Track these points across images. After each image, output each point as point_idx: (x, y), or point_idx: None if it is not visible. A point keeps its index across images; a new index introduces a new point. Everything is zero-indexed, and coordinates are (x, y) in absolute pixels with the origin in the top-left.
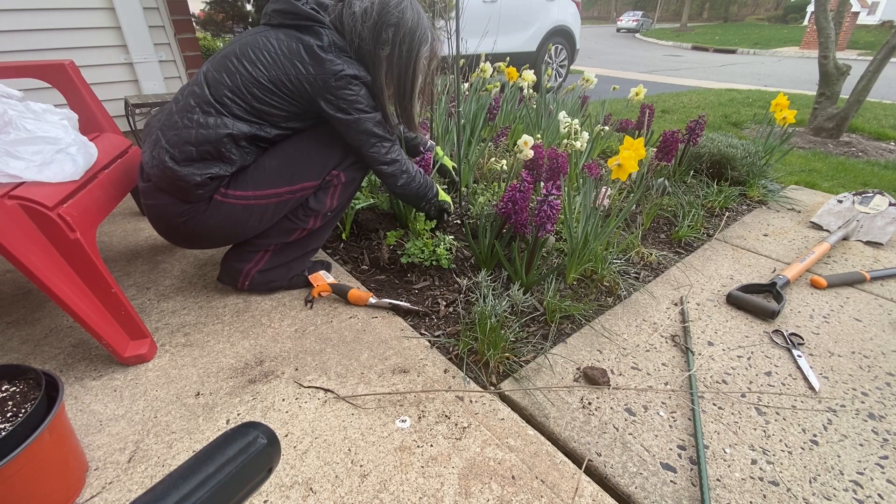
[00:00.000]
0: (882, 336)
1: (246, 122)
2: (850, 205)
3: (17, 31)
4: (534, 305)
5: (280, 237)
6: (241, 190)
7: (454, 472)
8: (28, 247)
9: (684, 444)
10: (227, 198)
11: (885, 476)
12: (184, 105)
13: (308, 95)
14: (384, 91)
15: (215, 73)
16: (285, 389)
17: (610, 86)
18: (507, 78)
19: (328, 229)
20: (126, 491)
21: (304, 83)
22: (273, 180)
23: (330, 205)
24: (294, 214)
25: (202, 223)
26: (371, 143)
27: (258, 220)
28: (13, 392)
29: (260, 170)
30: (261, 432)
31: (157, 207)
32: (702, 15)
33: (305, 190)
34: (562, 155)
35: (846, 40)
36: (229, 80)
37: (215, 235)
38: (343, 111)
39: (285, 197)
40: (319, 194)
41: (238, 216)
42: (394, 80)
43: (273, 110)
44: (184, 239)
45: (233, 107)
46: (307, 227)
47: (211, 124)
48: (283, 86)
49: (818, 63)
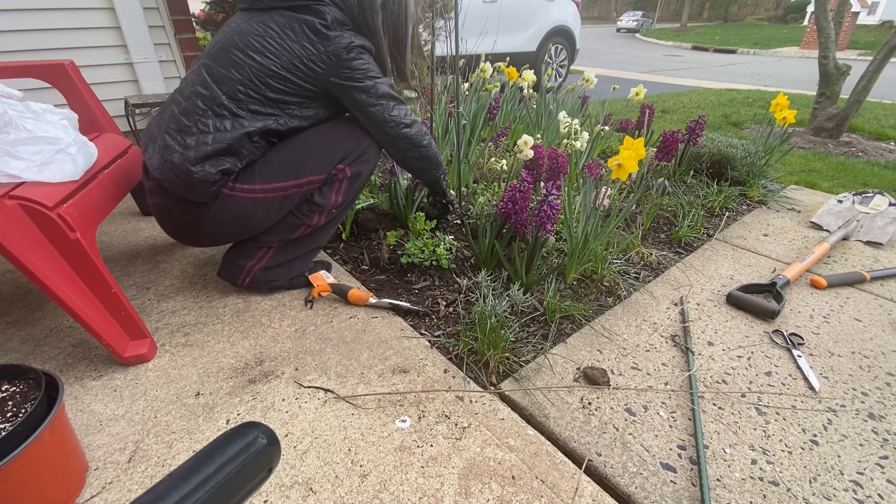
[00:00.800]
0: (882, 336)
1: (262, 116)
2: (850, 205)
3: (17, 31)
4: (534, 305)
5: (284, 233)
6: (248, 183)
7: (454, 472)
8: (28, 247)
9: (684, 444)
10: (235, 191)
11: (885, 476)
12: (190, 108)
13: (321, 75)
14: (382, 45)
15: (220, 69)
16: (285, 389)
17: (610, 86)
18: (507, 78)
19: (332, 228)
20: (126, 491)
21: (316, 64)
22: (280, 174)
23: (335, 200)
24: (299, 210)
25: (211, 219)
26: (391, 107)
27: (265, 215)
28: (13, 392)
29: (267, 163)
30: (261, 432)
31: (165, 206)
32: (702, 15)
33: (311, 184)
34: (562, 155)
35: (846, 40)
36: (238, 74)
37: (223, 231)
38: (359, 80)
39: (291, 191)
40: (325, 189)
41: (245, 209)
42: (389, 30)
43: (287, 97)
44: (191, 236)
45: (248, 102)
46: (311, 223)
47: (229, 127)
48: (297, 69)
49: (818, 63)
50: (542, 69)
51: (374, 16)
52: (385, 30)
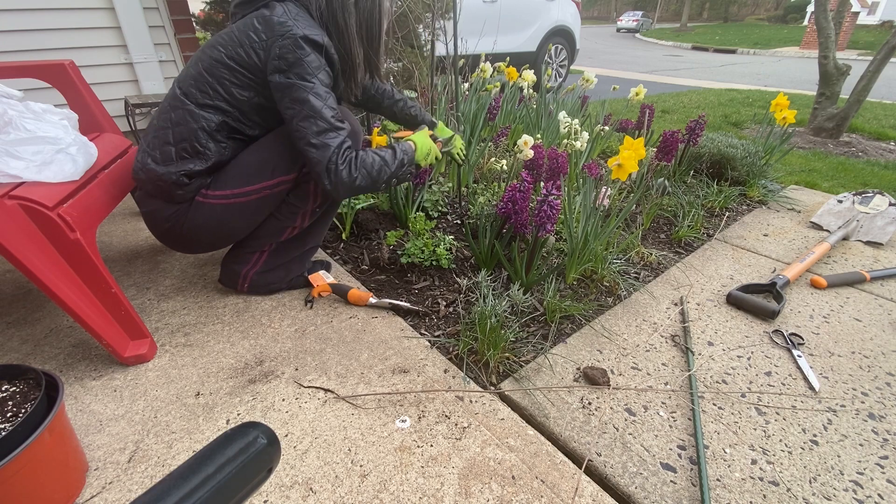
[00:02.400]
0: (882, 336)
1: (214, 110)
2: (850, 205)
3: (17, 31)
4: (534, 305)
5: (272, 237)
6: (220, 190)
7: (454, 472)
8: (28, 247)
9: (684, 444)
10: (208, 198)
11: (885, 476)
12: (162, 108)
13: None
14: (354, 44)
15: (185, 73)
16: (285, 389)
17: (610, 86)
18: (507, 78)
19: (322, 227)
20: (126, 491)
21: (256, 52)
22: (250, 176)
23: (313, 201)
24: (279, 212)
25: (188, 226)
26: (303, 115)
27: (243, 220)
28: (13, 392)
29: (237, 167)
30: (261, 432)
31: (150, 214)
32: (702, 15)
33: (283, 184)
34: (562, 155)
35: (846, 40)
36: (193, 71)
37: (203, 238)
38: (282, 72)
39: (264, 193)
40: (300, 190)
41: (220, 216)
42: (364, 28)
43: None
44: (176, 243)
45: (197, 94)
46: (295, 224)
47: (181, 121)
48: (242, 59)
49: (818, 63)
50: (542, 69)
51: (347, 16)
52: (359, 28)
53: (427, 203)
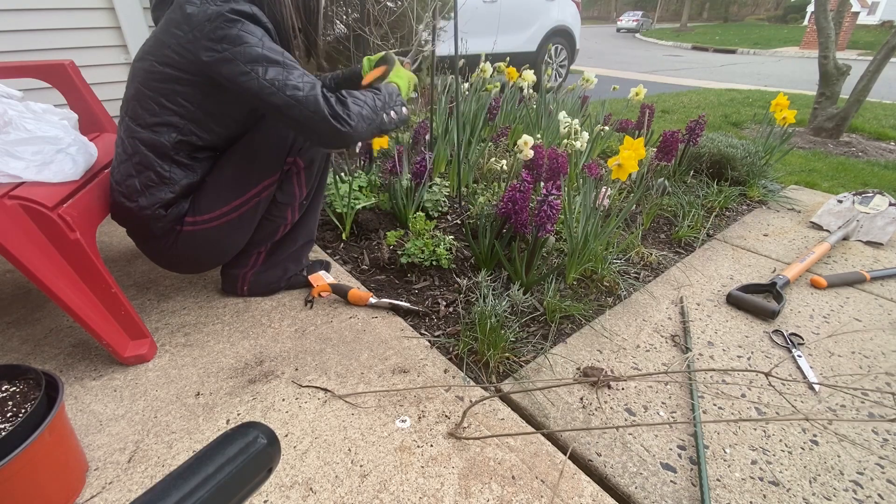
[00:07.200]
0: (882, 336)
1: (166, 127)
2: (850, 205)
3: (17, 31)
4: (534, 305)
5: (266, 239)
6: (208, 213)
7: (454, 472)
8: (28, 247)
9: (684, 444)
10: (197, 225)
11: (885, 476)
12: (116, 140)
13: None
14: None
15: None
16: (285, 389)
17: (610, 86)
18: (507, 78)
19: (312, 219)
20: (126, 491)
21: (184, 46)
22: (234, 190)
23: (300, 193)
24: (269, 214)
25: (186, 254)
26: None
27: (238, 233)
28: (13, 392)
29: (216, 185)
30: (261, 432)
31: (145, 251)
32: (702, 15)
33: (269, 187)
34: (562, 155)
35: (846, 40)
36: (132, 90)
37: (204, 260)
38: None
39: (253, 202)
40: (284, 186)
41: (215, 237)
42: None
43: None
44: (182, 268)
45: (144, 114)
46: (287, 220)
47: (135, 149)
48: (174, 60)
49: (818, 63)
50: (542, 69)
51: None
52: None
53: (427, 203)
